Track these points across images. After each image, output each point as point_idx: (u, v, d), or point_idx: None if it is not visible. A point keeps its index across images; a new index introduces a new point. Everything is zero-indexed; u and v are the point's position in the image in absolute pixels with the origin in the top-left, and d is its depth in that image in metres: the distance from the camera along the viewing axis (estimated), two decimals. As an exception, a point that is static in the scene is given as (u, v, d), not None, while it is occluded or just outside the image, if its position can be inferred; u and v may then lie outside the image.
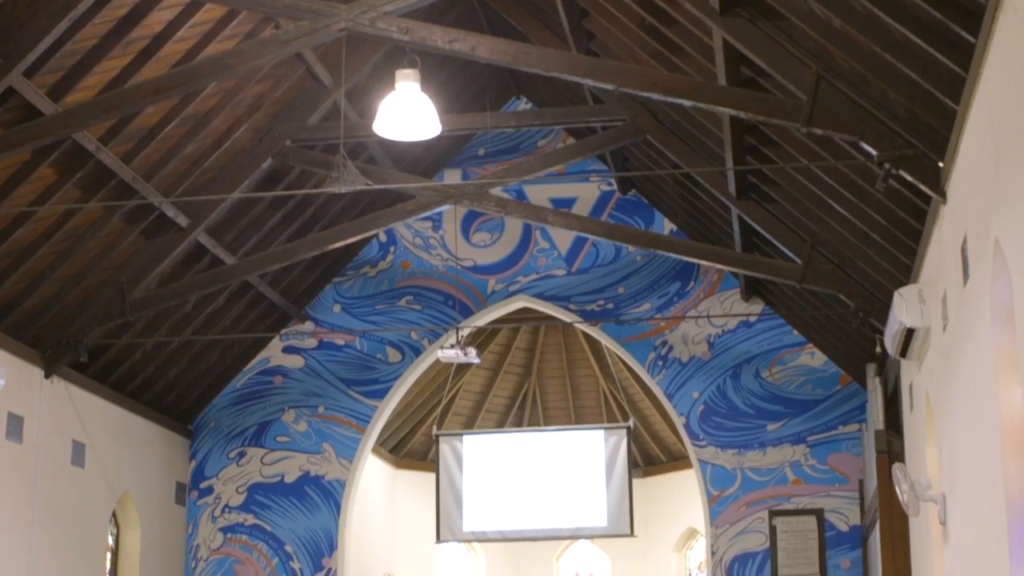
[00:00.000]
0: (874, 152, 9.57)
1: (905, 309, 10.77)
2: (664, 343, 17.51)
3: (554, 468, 19.76)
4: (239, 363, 18.03)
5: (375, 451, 20.31)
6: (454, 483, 19.86)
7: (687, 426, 17.27)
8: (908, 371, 12.80)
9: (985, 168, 7.65)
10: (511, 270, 18.02)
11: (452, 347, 16.45)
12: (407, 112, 11.78)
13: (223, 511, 17.80)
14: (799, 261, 13.57)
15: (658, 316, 17.48)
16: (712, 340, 17.31)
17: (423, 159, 17.45)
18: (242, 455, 17.94)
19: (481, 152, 18.14)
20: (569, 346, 22.81)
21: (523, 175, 16.45)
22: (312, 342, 18.14)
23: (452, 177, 17.85)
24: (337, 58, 14.02)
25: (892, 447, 13.57)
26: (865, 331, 13.86)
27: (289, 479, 17.78)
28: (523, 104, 18.19)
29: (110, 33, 11.55)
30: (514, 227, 17.99)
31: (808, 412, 16.83)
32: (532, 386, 23.40)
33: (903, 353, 11.70)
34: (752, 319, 17.15)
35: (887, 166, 9.51)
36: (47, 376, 14.55)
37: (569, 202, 17.72)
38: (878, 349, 13.34)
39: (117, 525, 16.63)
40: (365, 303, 18.17)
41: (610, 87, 11.54)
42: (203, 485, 17.95)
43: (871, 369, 14.70)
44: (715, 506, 16.94)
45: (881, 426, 13.93)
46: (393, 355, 18.06)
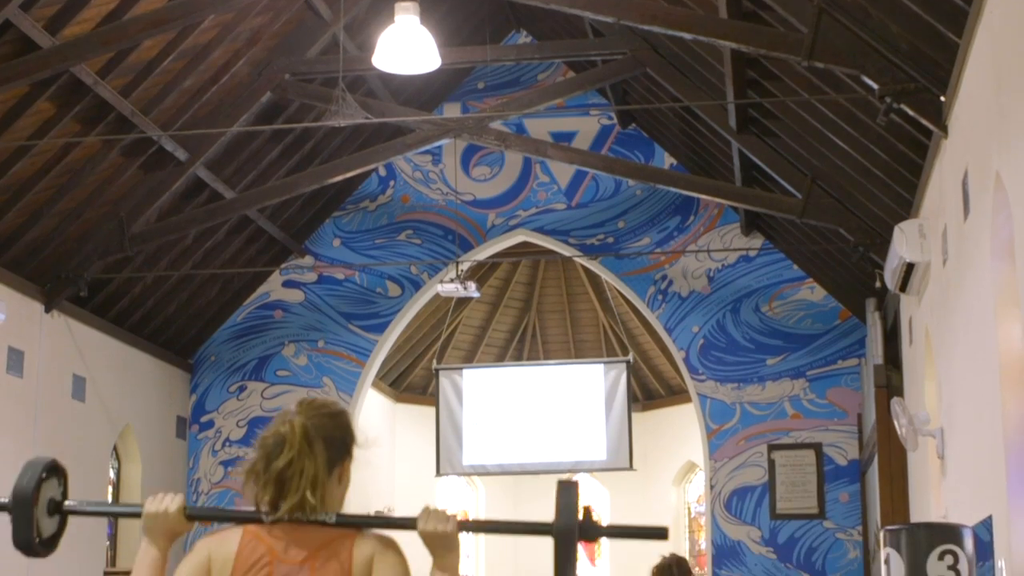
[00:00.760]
0: (875, 86, 9.53)
1: (905, 244, 10.76)
2: (664, 277, 17.51)
3: (554, 402, 19.81)
4: (239, 297, 18.04)
5: (375, 385, 20.36)
6: (454, 417, 19.91)
7: (686, 360, 17.30)
8: (908, 306, 12.81)
9: (987, 102, 7.62)
10: (511, 204, 17.99)
11: (452, 281, 16.47)
12: (406, 45, 11.72)
13: (224, 445, 17.87)
14: (799, 195, 13.55)
15: (658, 250, 17.47)
16: (712, 274, 17.31)
17: (422, 93, 17.37)
18: (242, 389, 17.98)
19: (481, 86, 18.06)
20: (569, 280, 22.82)
21: (523, 109, 16.39)
22: (312, 276, 18.14)
23: (452, 111, 17.78)
24: (336, -9, 13.96)
25: (891, 381, 13.61)
26: (865, 266, 13.86)
27: (289, 413, 17.79)
28: (523, 38, 18.09)
29: (107, -35, 11.49)
30: (514, 161, 17.94)
31: (807, 346, 16.85)
32: (532, 320, 23.43)
33: (903, 288, 11.70)
34: (752, 254, 17.14)
35: (888, 100, 9.48)
36: (47, 310, 14.56)
37: (569, 136, 17.67)
38: (878, 284, 13.35)
39: (118, 459, 16.70)
40: (365, 237, 18.15)
41: (610, 20, 11.49)
42: (204, 419, 18.00)
43: (871, 304, 14.71)
44: (714, 440, 17.00)
45: (880, 360, 13.95)
46: (393, 289, 18.07)
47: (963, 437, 9.30)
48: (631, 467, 19.70)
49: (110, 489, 16.36)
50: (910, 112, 9.53)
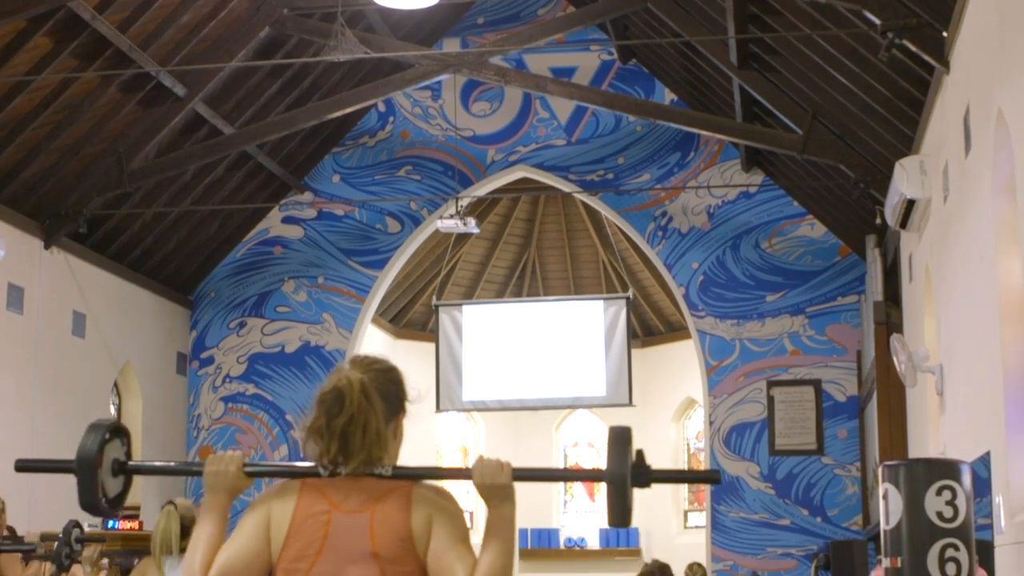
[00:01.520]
0: (877, 21, 9.48)
1: (906, 180, 10.74)
2: (664, 214, 17.48)
3: (553, 338, 19.81)
4: (238, 233, 18.02)
5: (375, 321, 20.36)
6: (454, 353, 19.93)
7: (686, 297, 17.31)
8: (908, 242, 12.80)
9: (990, 38, 7.58)
10: (510, 140, 17.94)
11: (451, 217, 16.44)
12: (405, -20, 11.64)
13: (224, 381, 17.91)
14: (800, 131, 13.50)
15: (658, 186, 17.43)
16: (712, 211, 17.28)
17: (422, 28, 17.27)
18: (242, 325, 18.00)
19: (480, 21, 17.96)
20: (569, 216, 22.78)
21: (523, 44, 16.31)
22: (311, 212, 18.11)
23: (451, 46, 17.68)
24: (334, -76, 13.84)
25: (890, 318, 13.62)
26: (865, 202, 13.84)
27: (289, 349, 17.86)
28: (523, -28, 17.99)
29: (103, -101, 11.40)
30: (513, 97, 17.87)
31: (807, 283, 16.85)
32: (531, 256, 23.41)
33: (903, 224, 11.69)
34: (752, 190, 17.11)
35: (890, 35, 9.43)
36: (46, 247, 14.55)
37: (569, 71, 17.58)
38: (878, 220, 13.33)
39: (119, 395, 16.74)
40: (364, 173, 18.11)
41: (611, -46, 11.40)
42: (204, 355, 18.03)
43: (871, 240, 14.70)
44: (713, 376, 17.03)
45: (880, 297, 13.96)
46: (392, 225, 18.04)
47: (962, 374, 9.32)
48: (630, 403, 19.73)
49: (111, 425, 16.38)
50: (912, 48, 9.49)
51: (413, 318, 23.42)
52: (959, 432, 9.49)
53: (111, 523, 12.90)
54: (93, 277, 15.61)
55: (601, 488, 24.60)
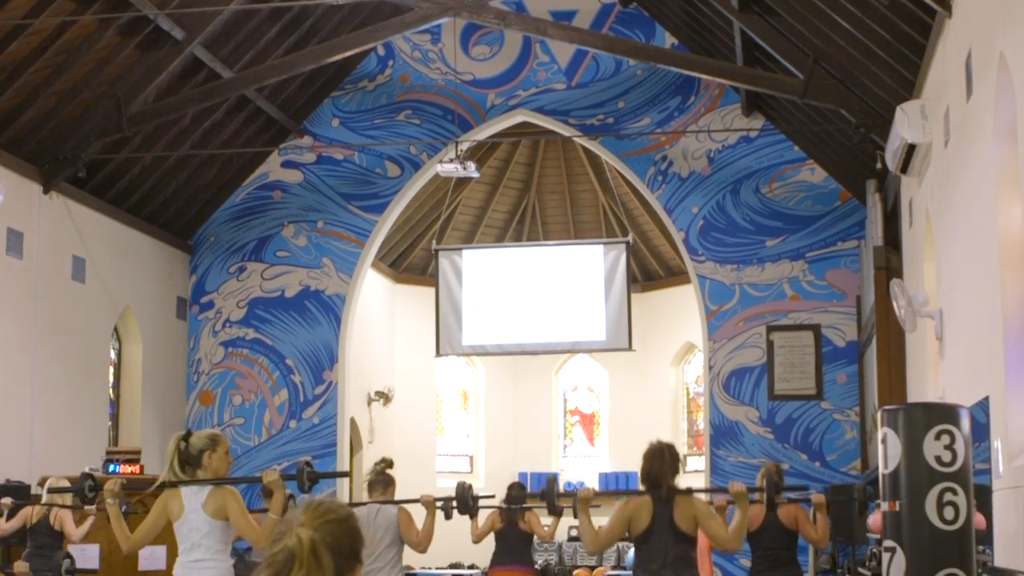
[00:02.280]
0: (879, -36, 9.42)
1: (907, 124, 10.71)
2: (664, 158, 17.45)
3: (553, 283, 19.83)
4: (238, 178, 17.99)
5: (375, 266, 20.36)
6: (453, 297, 19.94)
7: (686, 241, 17.30)
8: (908, 187, 12.78)
9: (992, -19, 7.54)
10: (510, 84, 17.87)
11: (451, 161, 16.40)
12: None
13: (224, 325, 17.93)
14: (801, 76, 13.45)
15: (658, 131, 17.39)
16: (712, 155, 17.25)
17: (421, -29, 17.17)
18: (242, 270, 18.00)
19: (480, -36, 17.86)
20: (568, 161, 22.73)
21: (523, -13, 16.22)
22: (311, 157, 18.08)
23: (451, -11, 17.60)
24: None
25: (890, 263, 13.62)
26: (866, 147, 13.80)
27: (289, 294, 17.87)
28: (523, -86, 17.86)
29: None
30: (513, 40, 17.79)
31: (807, 228, 16.83)
32: (531, 201, 23.37)
33: (903, 169, 11.66)
34: (752, 134, 17.07)
35: (892, -21, 9.37)
36: (45, 191, 14.53)
37: (569, 15, 17.49)
38: (878, 165, 13.31)
39: (119, 339, 16.76)
40: (364, 117, 18.06)
41: None
42: (204, 300, 18.04)
43: (871, 185, 14.67)
44: (713, 321, 17.05)
45: (880, 242, 13.95)
46: (392, 169, 18.01)
47: (962, 318, 9.33)
48: (630, 348, 19.77)
49: (111, 370, 16.44)
50: (914, -9, 9.43)
51: (413, 262, 23.42)
52: (958, 377, 9.51)
53: (112, 467, 12.97)
54: (92, 222, 15.60)
55: (601, 433, 24.66)
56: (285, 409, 17.69)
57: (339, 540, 3.36)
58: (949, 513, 5.97)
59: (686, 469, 23.19)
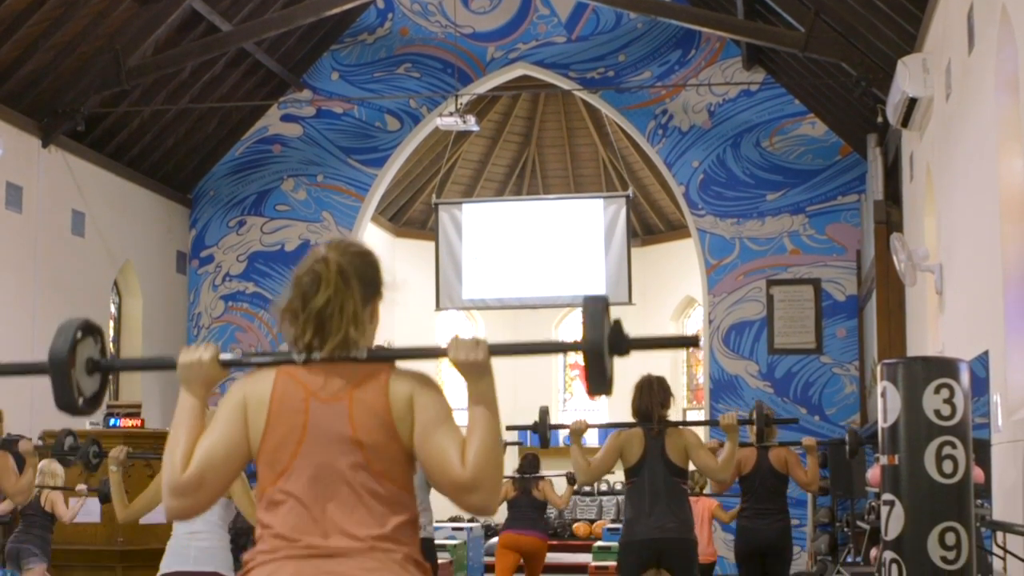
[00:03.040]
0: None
1: (908, 78, 10.68)
2: (664, 112, 17.40)
3: (553, 237, 19.83)
4: (237, 132, 17.95)
5: (374, 220, 20.36)
6: (453, 252, 19.94)
7: (686, 195, 17.28)
8: (909, 141, 12.76)
9: (995, -67, 7.50)
10: (510, 37, 17.81)
11: (451, 115, 16.37)
12: None
13: (224, 280, 17.93)
14: (802, 29, 13.40)
15: (659, 84, 17.34)
16: (713, 109, 17.20)
17: (421, -77, 17.10)
18: (242, 224, 17.99)
19: (480, -84, 17.78)
20: (569, 114, 22.68)
21: (523, -60, 16.13)
22: (310, 110, 18.04)
23: (450, -58, 17.53)
24: None
25: (891, 217, 13.60)
26: (867, 101, 13.76)
27: (289, 247, 17.86)
28: None
29: None
30: (514, -7, 17.75)
31: (808, 182, 16.81)
32: (531, 155, 23.34)
33: (904, 123, 11.63)
34: (753, 88, 17.02)
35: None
36: (44, 145, 14.50)
37: (569, -32, 17.44)
38: (879, 119, 13.27)
39: (119, 294, 16.77)
40: (363, 71, 18.01)
41: None
42: (203, 254, 18.04)
43: (872, 139, 14.64)
44: (713, 275, 17.05)
45: (880, 196, 13.93)
46: (392, 123, 17.97)
47: (962, 272, 9.33)
48: (630, 302, 19.78)
49: (111, 324, 16.45)
50: (916, -57, 9.39)
51: (413, 216, 23.41)
52: (958, 331, 9.52)
53: (113, 421, 12.98)
54: (92, 175, 15.57)
55: (600, 386, 24.70)
56: (285, 363, 17.67)
57: (363, 270, 3.39)
58: (948, 467, 5.98)
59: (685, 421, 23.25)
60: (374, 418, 3.27)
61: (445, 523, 20.88)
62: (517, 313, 23.23)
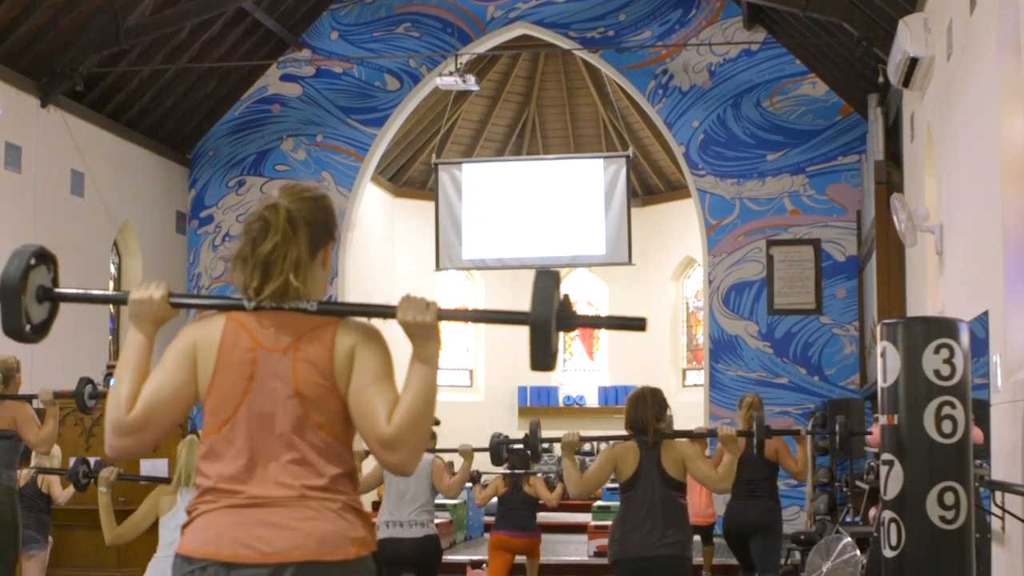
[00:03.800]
0: None
1: (909, 38, 10.65)
2: (665, 71, 17.36)
3: (553, 197, 19.81)
4: (236, 92, 17.91)
5: (374, 180, 20.33)
6: (453, 211, 19.93)
7: (686, 155, 17.25)
8: (910, 101, 12.73)
9: None
10: (510, -3, 17.76)
11: (451, 74, 16.33)
12: None
13: (223, 240, 17.91)
14: (803, -12, 13.36)
15: (659, 44, 17.29)
16: (713, 69, 17.16)
17: None
18: (241, 184, 17.97)
19: None
20: (569, 74, 22.62)
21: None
22: (310, 70, 17.99)
23: (450, -100, 17.45)
24: None
25: (891, 178, 13.59)
26: (868, 61, 13.73)
27: (289, 208, 17.80)
28: None
29: None
30: (513, -48, 17.67)
31: (808, 142, 16.78)
32: (531, 114, 23.30)
33: (906, 83, 11.60)
34: (754, 48, 16.96)
35: None
36: (43, 105, 14.46)
37: (570, -73, 17.36)
38: (880, 79, 13.24)
39: (118, 254, 16.76)
40: (363, 30, 17.95)
41: None
42: (203, 214, 18.03)
43: (872, 99, 14.61)
44: (713, 235, 17.04)
45: (881, 157, 13.91)
46: (392, 83, 17.93)
47: (962, 233, 9.32)
48: (630, 262, 19.79)
49: (111, 284, 16.45)
50: (918, -98, 9.35)
51: (412, 176, 23.38)
52: (958, 291, 9.51)
53: (112, 381, 12.99)
54: (91, 136, 15.55)
55: (601, 347, 24.74)
56: (285, 323, 17.68)
57: (314, 215, 3.39)
58: (947, 427, 5.99)
59: (685, 383, 23.30)
60: (316, 371, 3.30)
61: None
62: (516, 273, 23.21)
